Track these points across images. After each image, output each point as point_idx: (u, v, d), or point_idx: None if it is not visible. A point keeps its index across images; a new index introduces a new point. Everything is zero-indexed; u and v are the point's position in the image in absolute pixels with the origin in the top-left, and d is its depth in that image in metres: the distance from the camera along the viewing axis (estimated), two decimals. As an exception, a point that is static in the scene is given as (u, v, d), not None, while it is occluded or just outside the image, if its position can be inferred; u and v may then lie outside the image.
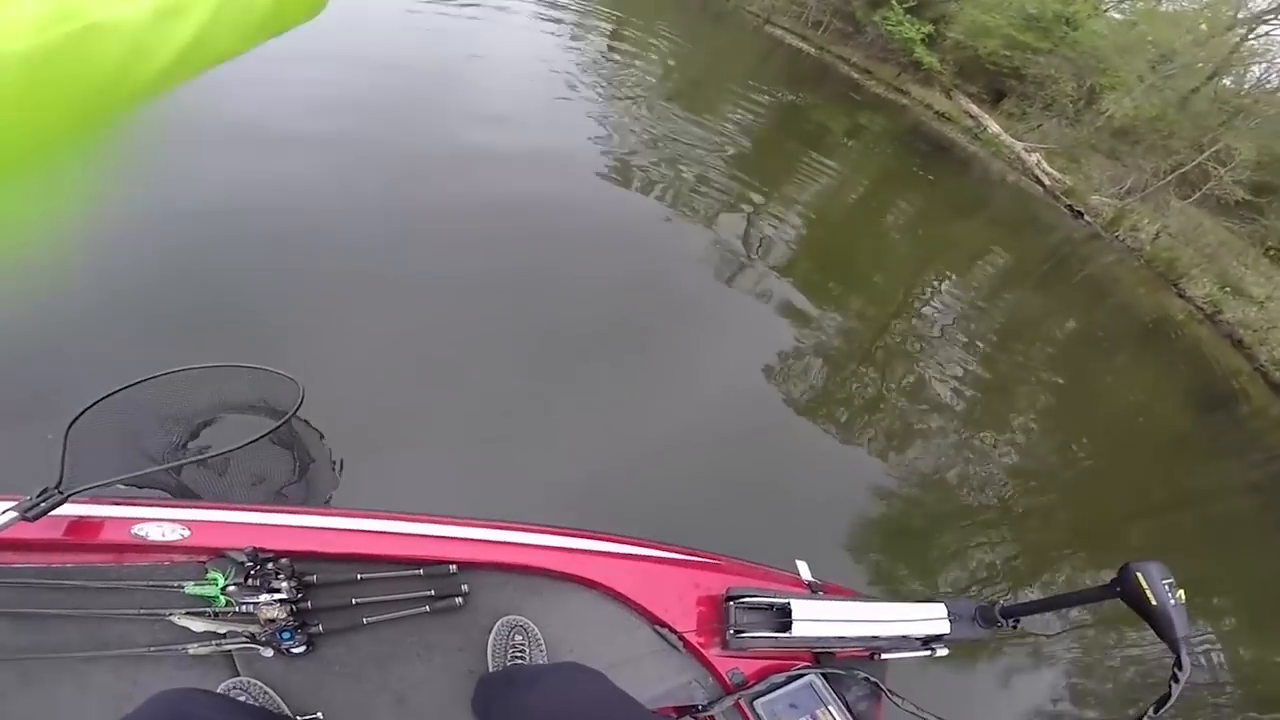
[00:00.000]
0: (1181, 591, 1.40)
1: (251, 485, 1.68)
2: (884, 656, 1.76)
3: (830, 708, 1.58)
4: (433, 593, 1.42)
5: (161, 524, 1.32)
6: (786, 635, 1.60)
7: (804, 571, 1.91)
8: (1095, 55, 17.80)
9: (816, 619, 1.63)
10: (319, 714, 1.33)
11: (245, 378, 1.61)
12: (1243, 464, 8.11)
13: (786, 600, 1.63)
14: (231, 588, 1.27)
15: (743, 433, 4.27)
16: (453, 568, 1.44)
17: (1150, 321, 10.97)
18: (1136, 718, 1.34)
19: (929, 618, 1.75)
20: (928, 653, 1.79)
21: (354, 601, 1.38)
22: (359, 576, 1.39)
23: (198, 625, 1.29)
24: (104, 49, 0.43)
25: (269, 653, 1.31)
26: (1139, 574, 1.42)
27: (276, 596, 1.28)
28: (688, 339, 4.91)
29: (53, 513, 1.19)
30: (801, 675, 1.61)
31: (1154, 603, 1.39)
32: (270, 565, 1.31)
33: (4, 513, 1.14)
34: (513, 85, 8.10)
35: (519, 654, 1.42)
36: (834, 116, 14.04)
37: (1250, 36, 18.94)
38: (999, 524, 4.85)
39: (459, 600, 1.42)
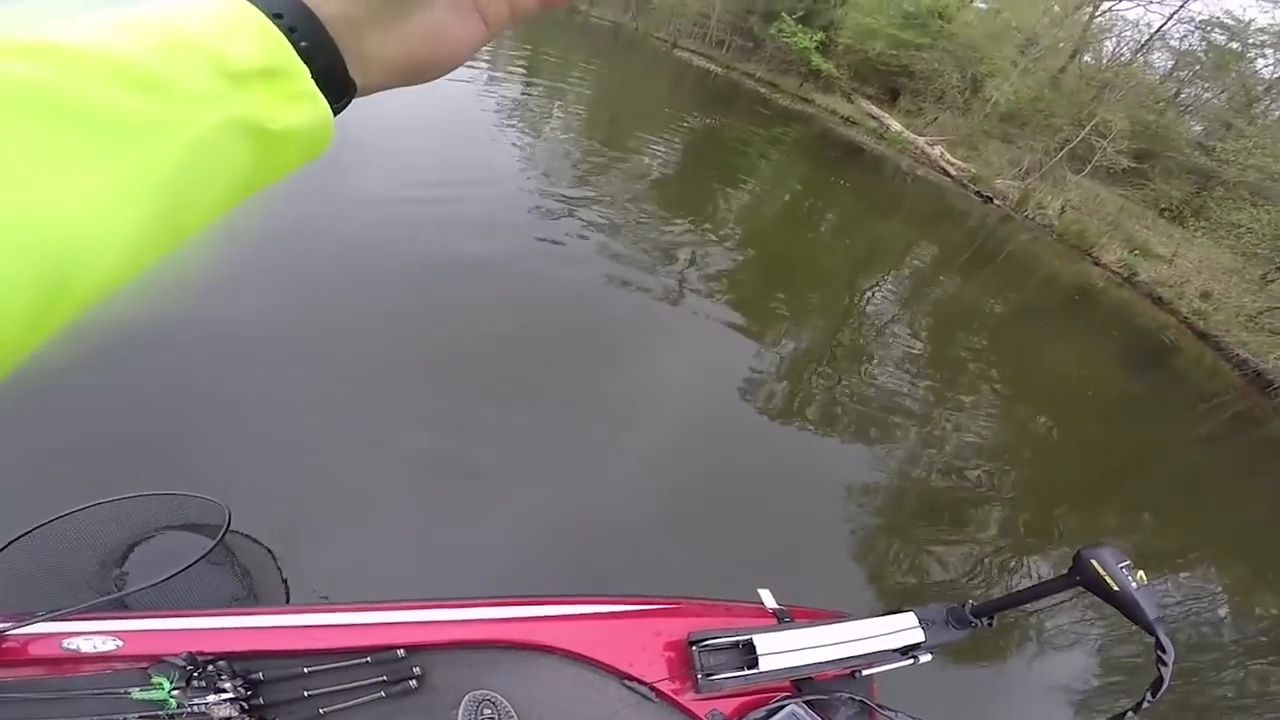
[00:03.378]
0: (1141, 573, 1.40)
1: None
2: (865, 672, 1.75)
3: None
4: (385, 678, 1.42)
5: (91, 636, 1.32)
6: (756, 672, 1.60)
7: (768, 600, 1.90)
8: (970, 45, 19.03)
9: (783, 650, 1.62)
10: None
11: (167, 504, 1.64)
12: (1191, 415, 8.74)
13: (749, 636, 1.63)
14: (177, 691, 1.27)
15: (700, 461, 4.25)
16: (401, 652, 1.45)
17: (1075, 291, 11.72)
18: (1134, 706, 1.35)
19: (900, 629, 1.74)
20: (909, 661, 1.77)
21: (306, 694, 1.38)
22: (305, 670, 1.39)
23: None
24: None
25: None
26: (1093, 561, 1.42)
27: (225, 696, 1.29)
28: (638, 376, 4.83)
29: None
30: (782, 706, 1.59)
31: (1115, 588, 1.38)
32: (210, 667, 1.31)
33: None
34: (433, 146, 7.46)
35: None
36: (749, 133, 14.47)
37: (1098, 14, 20.83)
38: (967, 513, 4.99)
39: (413, 684, 1.43)
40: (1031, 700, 3.70)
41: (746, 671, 1.60)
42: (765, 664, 1.59)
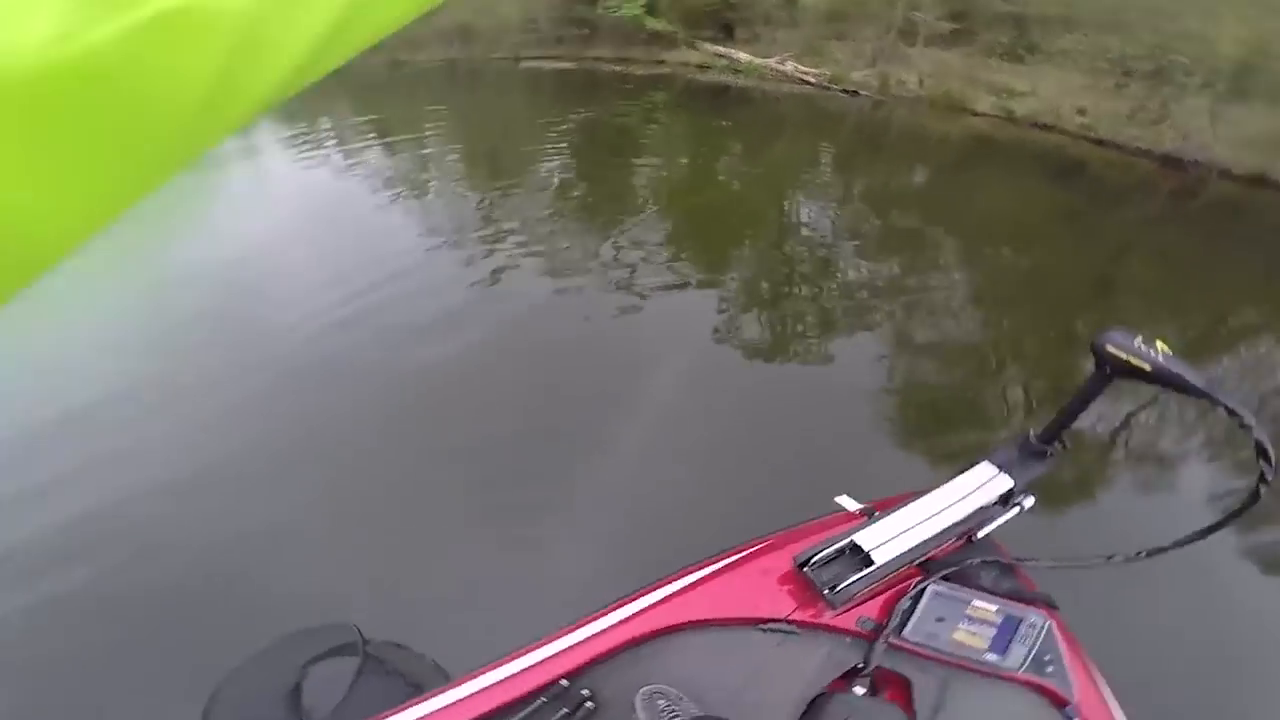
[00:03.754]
0: (1160, 343, 1.37)
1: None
2: (980, 534, 1.75)
3: (975, 600, 1.56)
4: (566, 710, 1.49)
5: None
6: (875, 568, 1.62)
7: (849, 504, 1.95)
8: (763, -37, 20.30)
9: (888, 538, 1.64)
10: None
11: (305, 640, 1.87)
12: (1133, 205, 9.99)
13: (850, 539, 1.67)
14: None
15: (718, 421, 4.52)
16: (564, 682, 1.52)
17: (970, 142, 12.99)
18: (1259, 480, 1.34)
19: (984, 480, 1.74)
20: (1016, 510, 1.78)
21: None
22: None
23: None
24: (189, 49, 0.25)
25: None
26: (1109, 347, 1.42)
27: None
28: (634, 378, 4.98)
29: None
30: (922, 591, 1.60)
31: (1146, 366, 1.36)
32: None
33: None
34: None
35: (674, 713, 1.47)
36: (624, 110, 14.89)
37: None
38: (979, 363, 5.36)
39: (590, 704, 1.50)
40: (1145, 517, 4.03)
41: (865, 570, 1.62)
42: (879, 557, 1.62)
